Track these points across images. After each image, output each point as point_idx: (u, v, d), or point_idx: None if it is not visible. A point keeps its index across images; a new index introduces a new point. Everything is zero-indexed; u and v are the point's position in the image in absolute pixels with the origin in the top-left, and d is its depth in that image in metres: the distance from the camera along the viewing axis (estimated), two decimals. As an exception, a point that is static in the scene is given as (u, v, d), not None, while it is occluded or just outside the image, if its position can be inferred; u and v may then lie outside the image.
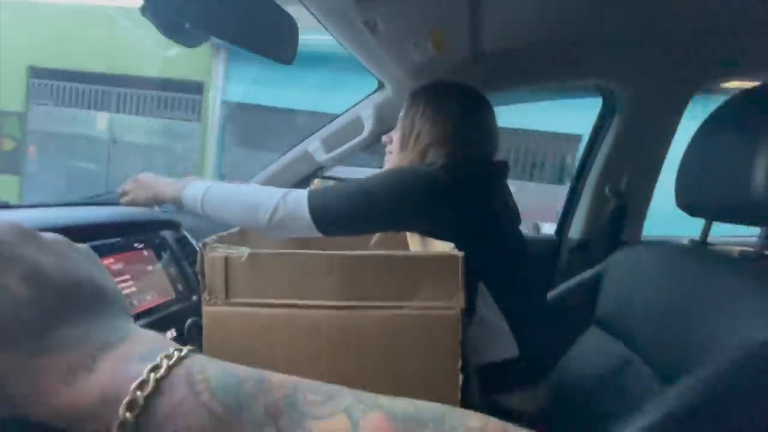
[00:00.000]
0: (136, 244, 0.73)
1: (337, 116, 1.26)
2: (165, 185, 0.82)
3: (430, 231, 0.65)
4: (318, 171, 1.38)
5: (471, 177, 0.74)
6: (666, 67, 1.11)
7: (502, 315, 0.61)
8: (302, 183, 1.35)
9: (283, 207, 0.68)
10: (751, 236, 0.76)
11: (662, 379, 0.71)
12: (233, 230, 0.63)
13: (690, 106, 1.16)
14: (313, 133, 1.29)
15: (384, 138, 0.92)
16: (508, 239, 0.78)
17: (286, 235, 0.70)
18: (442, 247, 0.48)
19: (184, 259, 0.81)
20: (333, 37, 0.79)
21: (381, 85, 1.15)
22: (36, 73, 5.95)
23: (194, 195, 0.76)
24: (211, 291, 0.47)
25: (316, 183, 1.90)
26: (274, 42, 0.54)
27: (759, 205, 0.66)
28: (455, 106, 0.80)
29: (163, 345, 0.23)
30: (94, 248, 0.29)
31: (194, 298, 0.77)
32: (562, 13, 0.93)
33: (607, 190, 1.20)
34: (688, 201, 0.80)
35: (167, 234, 0.83)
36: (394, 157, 0.86)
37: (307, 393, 0.22)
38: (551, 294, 1.04)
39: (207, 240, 0.51)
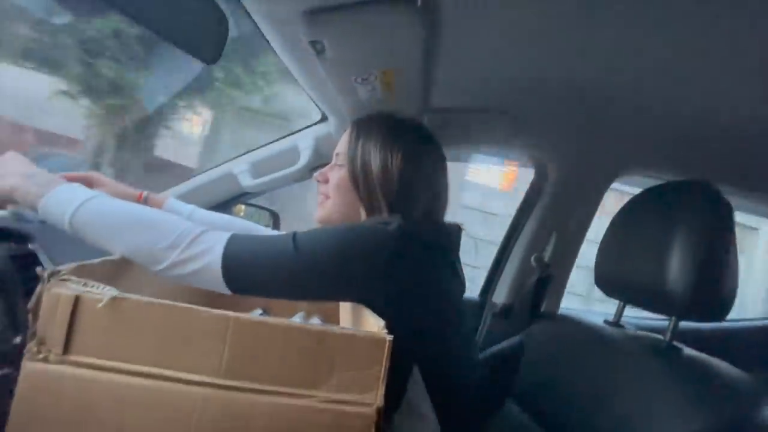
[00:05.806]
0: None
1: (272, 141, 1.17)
2: (30, 178, 0.56)
3: (368, 301, 0.54)
4: (242, 196, 1.25)
5: (432, 243, 0.62)
6: (591, 151, 1.18)
7: (428, 397, 0.53)
8: (222, 206, 1.22)
9: (194, 245, 0.53)
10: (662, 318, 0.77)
11: None
12: (109, 258, 0.50)
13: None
14: (241, 154, 1.18)
15: (317, 176, 0.75)
16: (454, 318, 0.66)
17: (183, 282, 0.55)
18: (371, 322, 0.40)
19: (20, 285, 0.61)
20: (279, 56, 0.71)
21: (324, 118, 1.09)
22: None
23: (64, 202, 0.54)
24: (43, 340, 0.34)
25: (240, 209, 1.75)
26: (197, 36, 0.44)
27: (670, 297, 0.67)
28: (417, 146, 0.69)
29: None
30: None
31: (17, 340, 0.57)
32: (506, 84, 0.95)
33: (532, 260, 1.22)
34: (605, 281, 0.81)
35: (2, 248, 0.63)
36: (335, 202, 0.71)
37: None
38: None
39: (61, 267, 0.38)
